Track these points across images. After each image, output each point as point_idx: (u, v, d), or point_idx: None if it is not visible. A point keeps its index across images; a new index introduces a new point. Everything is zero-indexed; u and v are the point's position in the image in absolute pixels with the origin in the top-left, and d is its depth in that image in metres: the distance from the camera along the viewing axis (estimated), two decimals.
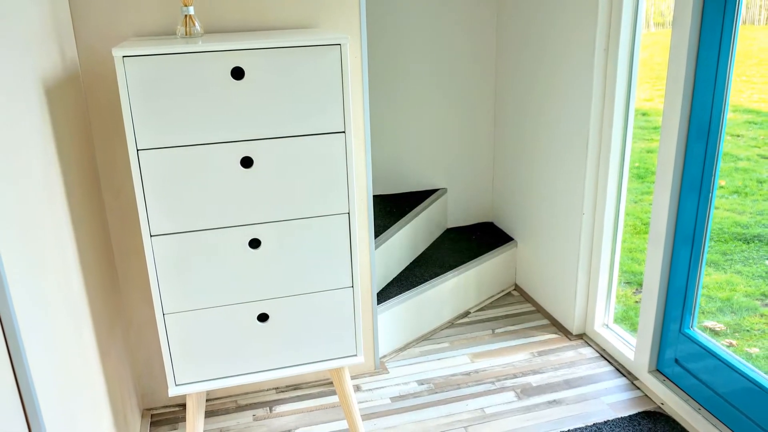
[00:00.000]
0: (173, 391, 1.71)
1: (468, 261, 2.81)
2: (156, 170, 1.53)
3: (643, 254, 3.77)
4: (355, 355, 1.82)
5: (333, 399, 2.27)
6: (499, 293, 3.00)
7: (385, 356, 2.52)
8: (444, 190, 3.11)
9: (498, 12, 2.90)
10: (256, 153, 1.58)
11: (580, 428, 2.07)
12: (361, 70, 2.06)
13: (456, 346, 2.59)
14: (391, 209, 2.85)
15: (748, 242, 3.75)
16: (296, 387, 2.35)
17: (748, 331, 2.93)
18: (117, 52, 1.44)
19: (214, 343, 1.70)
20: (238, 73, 1.52)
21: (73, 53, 1.79)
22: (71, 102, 1.70)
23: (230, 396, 2.31)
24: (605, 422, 2.09)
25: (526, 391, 2.28)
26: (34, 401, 1.11)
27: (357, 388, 2.33)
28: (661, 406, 2.17)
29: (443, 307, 2.73)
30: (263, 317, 1.72)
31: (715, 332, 2.95)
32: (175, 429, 2.14)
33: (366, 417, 2.17)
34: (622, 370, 2.37)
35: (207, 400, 2.29)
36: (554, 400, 2.22)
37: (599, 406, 2.19)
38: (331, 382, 2.37)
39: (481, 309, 2.88)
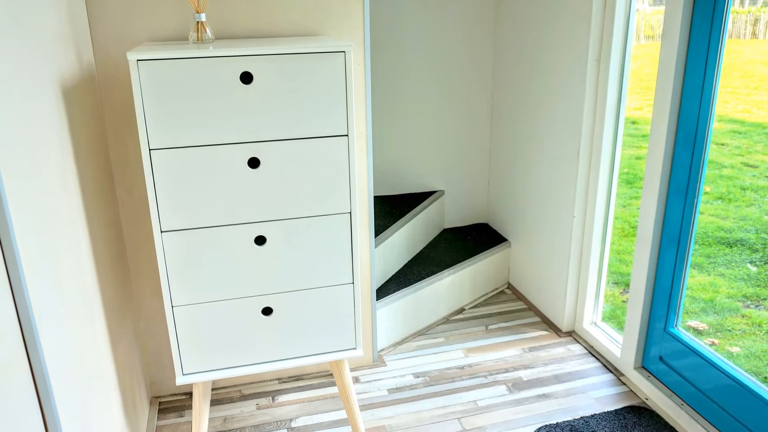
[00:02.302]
0: (180, 380, 1.72)
1: (463, 260, 2.81)
2: (167, 169, 1.53)
3: (631, 256, 3.77)
4: (355, 349, 1.82)
5: (333, 390, 2.27)
6: (492, 291, 3.00)
7: (383, 350, 2.52)
8: (441, 192, 3.11)
9: (495, 23, 2.90)
10: (263, 154, 1.58)
11: (568, 421, 2.07)
12: (364, 77, 2.06)
13: (451, 341, 2.59)
14: (390, 210, 2.85)
15: (731, 246, 3.75)
16: (298, 378, 2.35)
17: (729, 330, 2.93)
18: (131, 56, 1.44)
19: (220, 335, 1.70)
20: (246, 78, 1.52)
21: (90, 56, 1.79)
22: (87, 103, 1.71)
23: (235, 385, 2.31)
24: (592, 416, 2.09)
25: (517, 385, 2.28)
26: (48, 388, 1.11)
27: (356, 380, 2.33)
28: (645, 401, 2.17)
29: (439, 303, 2.73)
30: (267, 311, 1.72)
31: (698, 331, 2.95)
32: (181, 416, 2.14)
33: (364, 408, 2.17)
34: (609, 366, 2.37)
35: (212, 389, 2.29)
36: (544, 394, 2.23)
37: (587, 400, 2.19)
38: (332, 374, 2.37)
39: (476, 306, 2.88)
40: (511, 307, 2.85)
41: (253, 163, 1.58)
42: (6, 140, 1.06)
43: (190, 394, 2.27)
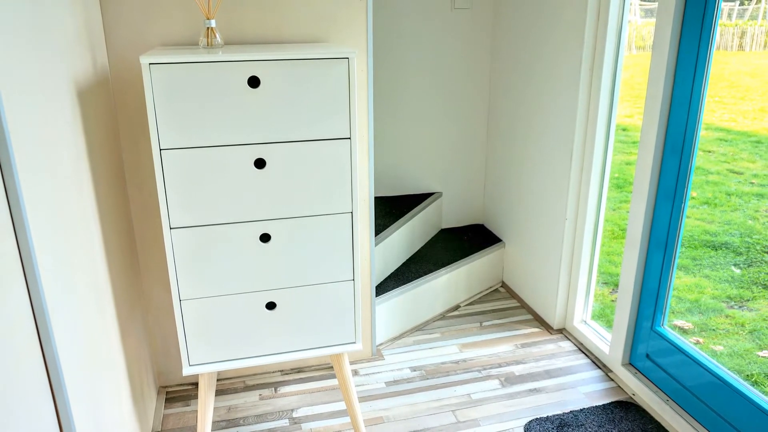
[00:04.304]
0: (187, 371, 1.72)
1: (460, 259, 2.81)
2: (177, 168, 1.53)
3: (620, 257, 3.76)
4: (354, 343, 1.82)
5: (333, 382, 2.27)
6: (487, 289, 3.00)
7: (381, 344, 2.52)
8: (439, 194, 3.11)
9: (493, 32, 2.90)
10: (269, 155, 1.58)
11: (558, 415, 2.07)
12: (366, 82, 2.06)
13: (446, 336, 2.59)
14: (390, 210, 2.85)
15: (716, 249, 3.75)
16: (300, 370, 2.35)
17: (713, 330, 2.93)
18: (144, 60, 1.44)
19: (225, 328, 1.70)
20: (254, 82, 1.52)
21: (104, 60, 1.79)
22: (101, 104, 1.71)
23: (239, 376, 2.31)
24: (581, 410, 2.09)
25: (509, 380, 2.28)
26: (59, 377, 1.11)
27: (355, 373, 2.33)
28: (632, 396, 2.17)
29: (436, 300, 2.73)
30: (271, 305, 1.72)
31: (683, 330, 2.95)
32: (187, 405, 2.14)
33: (363, 399, 2.17)
34: (597, 362, 2.37)
35: (217, 380, 2.29)
36: (535, 389, 2.22)
37: (576, 395, 2.19)
38: (332, 367, 2.37)
39: (471, 303, 2.87)
40: (505, 305, 2.85)
41: (259, 163, 1.58)
42: (23, 139, 1.06)
43: (196, 384, 2.27)
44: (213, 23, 1.68)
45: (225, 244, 1.63)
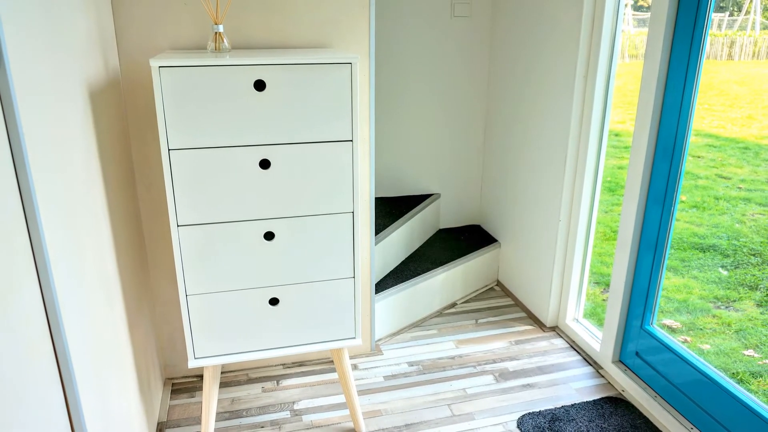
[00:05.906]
0: (192, 364, 1.72)
1: (457, 258, 2.81)
2: (185, 168, 1.53)
3: (612, 258, 3.77)
4: (354, 338, 1.82)
5: (333, 376, 2.27)
6: (483, 288, 3.00)
7: (380, 340, 2.52)
8: (437, 195, 3.11)
9: (491, 39, 2.90)
10: (273, 156, 1.58)
11: (549, 409, 2.07)
12: (368, 87, 2.06)
13: (443, 333, 2.59)
14: (390, 210, 2.85)
15: (704, 251, 3.75)
16: (301, 364, 2.35)
17: (701, 329, 2.93)
18: (154, 63, 1.44)
19: (230, 323, 1.70)
20: (260, 85, 1.52)
21: (115, 62, 1.79)
22: (112, 105, 1.71)
23: (242, 369, 2.31)
24: (572, 405, 2.09)
25: (503, 375, 2.28)
26: (69, 368, 1.12)
27: (354, 367, 2.33)
28: (622, 392, 2.17)
29: (433, 298, 2.73)
30: (274, 301, 1.72)
31: (672, 329, 2.95)
32: (192, 397, 2.14)
33: (362, 393, 2.17)
34: (588, 359, 2.37)
35: (221, 373, 2.29)
36: (528, 384, 2.23)
37: (567, 390, 2.19)
38: (332, 361, 2.37)
39: (467, 301, 2.88)
40: (500, 303, 2.85)
41: (264, 164, 1.58)
42: (37, 139, 1.06)
43: (201, 376, 2.27)
44: (221, 28, 1.68)
45: (230, 242, 1.63)
